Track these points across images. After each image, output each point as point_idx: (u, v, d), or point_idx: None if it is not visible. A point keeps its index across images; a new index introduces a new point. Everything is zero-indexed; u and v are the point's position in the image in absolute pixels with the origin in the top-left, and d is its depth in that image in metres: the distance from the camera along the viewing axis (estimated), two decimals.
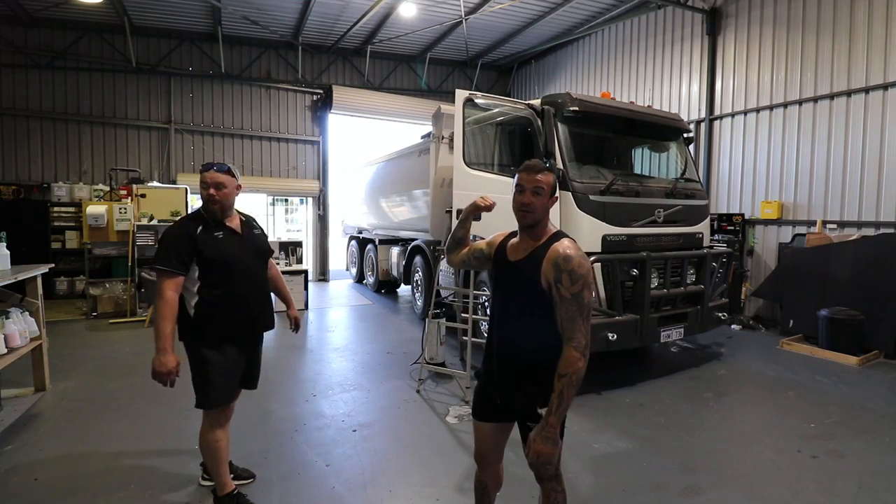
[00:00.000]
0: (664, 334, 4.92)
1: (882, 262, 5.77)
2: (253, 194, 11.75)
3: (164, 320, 2.43)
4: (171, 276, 2.47)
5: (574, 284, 1.76)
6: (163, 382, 2.44)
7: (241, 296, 2.62)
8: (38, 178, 9.86)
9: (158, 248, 2.59)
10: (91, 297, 7.71)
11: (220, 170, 2.59)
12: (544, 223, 1.93)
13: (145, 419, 3.84)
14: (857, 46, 6.43)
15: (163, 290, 2.46)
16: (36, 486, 2.99)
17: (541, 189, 1.87)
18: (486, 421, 2.10)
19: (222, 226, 2.62)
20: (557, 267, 1.79)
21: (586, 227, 4.62)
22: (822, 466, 3.31)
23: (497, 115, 5.26)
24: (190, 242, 2.51)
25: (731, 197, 8.03)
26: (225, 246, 2.58)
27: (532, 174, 1.88)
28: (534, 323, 1.89)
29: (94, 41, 10.13)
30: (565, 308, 1.77)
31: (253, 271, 2.72)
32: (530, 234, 1.94)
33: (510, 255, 1.99)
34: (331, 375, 5.14)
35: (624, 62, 10.00)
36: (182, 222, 2.66)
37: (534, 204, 1.86)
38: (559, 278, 1.78)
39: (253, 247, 2.75)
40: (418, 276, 7.98)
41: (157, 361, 2.43)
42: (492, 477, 2.20)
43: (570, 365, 1.74)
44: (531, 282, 1.86)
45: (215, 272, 2.56)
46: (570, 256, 1.78)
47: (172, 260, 2.48)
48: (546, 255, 1.84)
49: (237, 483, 2.99)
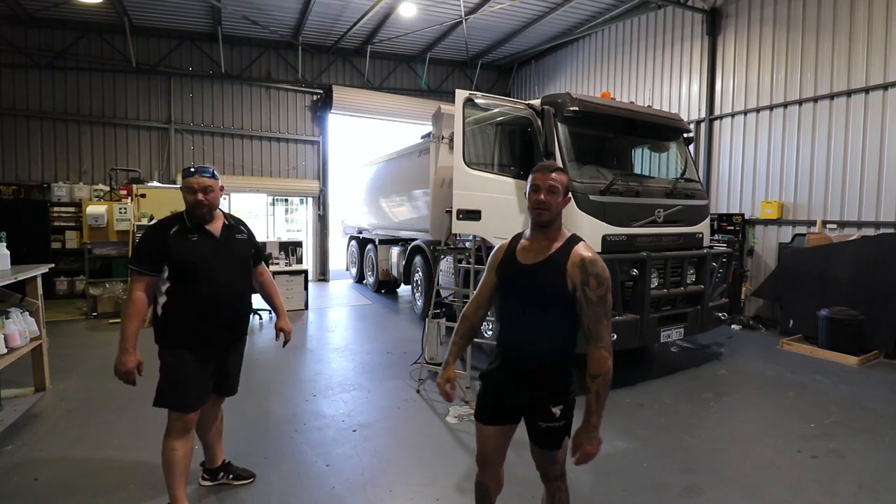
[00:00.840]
0: (664, 334, 4.92)
1: (882, 262, 5.77)
2: (253, 194, 11.77)
3: (127, 319, 2.46)
4: (140, 277, 2.48)
5: (601, 287, 1.82)
6: (124, 381, 2.46)
7: (207, 300, 2.54)
8: (38, 178, 9.86)
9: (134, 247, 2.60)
10: (91, 297, 7.71)
11: (205, 174, 2.54)
12: (558, 223, 1.95)
13: (145, 419, 3.83)
14: (857, 46, 6.43)
15: (132, 289, 2.49)
16: (36, 486, 2.99)
17: (556, 188, 1.89)
18: (491, 424, 2.08)
19: (200, 229, 2.57)
20: (584, 270, 1.83)
21: (586, 227, 4.61)
22: (822, 466, 3.31)
23: (497, 115, 5.26)
24: (162, 244, 2.49)
25: (731, 197, 8.03)
26: (196, 249, 2.53)
27: (547, 174, 1.91)
28: (547, 323, 1.92)
29: (94, 41, 10.13)
30: (592, 310, 1.82)
31: (223, 277, 2.59)
32: (545, 234, 1.94)
33: (521, 258, 1.97)
34: (331, 375, 5.14)
35: (624, 62, 10.00)
36: (158, 224, 2.64)
37: (549, 202, 1.89)
38: (586, 281, 1.82)
39: (229, 252, 2.65)
40: (418, 276, 7.98)
41: (118, 360, 2.45)
42: (493, 479, 2.20)
43: (602, 365, 1.82)
44: (551, 284, 1.88)
45: (182, 274, 2.51)
46: (595, 260, 1.84)
47: (144, 260, 2.49)
48: (569, 258, 1.86)
49: (237, 483, 3.00)
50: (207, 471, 2.99)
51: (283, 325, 2.97)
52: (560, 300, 1.88)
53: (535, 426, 1.96)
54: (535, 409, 1.95)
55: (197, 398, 2.57)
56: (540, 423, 1.93)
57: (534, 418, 1.97)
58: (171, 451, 2.54)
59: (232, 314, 2.68)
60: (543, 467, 2.05)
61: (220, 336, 2.65)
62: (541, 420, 1.93)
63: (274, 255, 8.78)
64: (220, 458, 3.00)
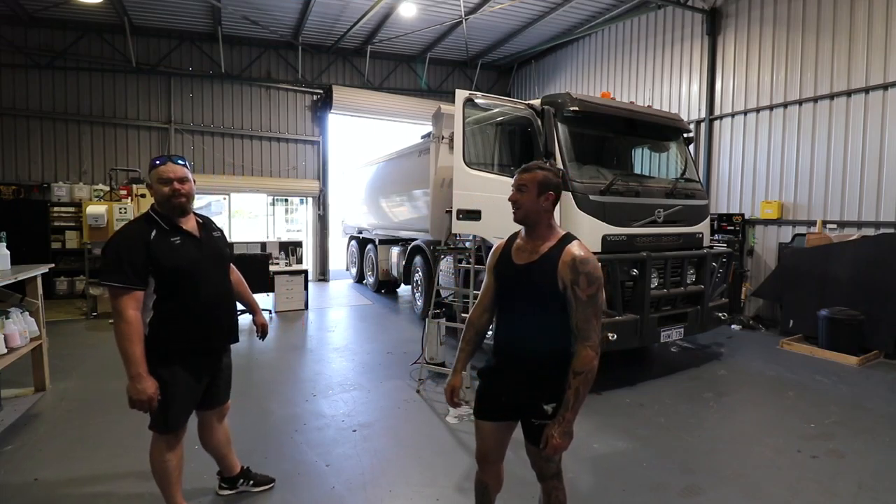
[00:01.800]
0: (664, 334, 4.92)
1: (882, 262, 5.77)
2: (253, 194, 11.77)
3: (131, 343, 2.15)
4: (128, 293, 2.16)
5: (591, 286, 1.83)
6: (143, 410, 2.22)
7: (204, 307, 2.37)
8: (38, 178, 9.86)
9: (107, 260, 2.20)
10: (91, 297, 7.71)
11: (178, 161, 2.34)
12: (544, 222, 1.96)
13: (146, 419, 3.81)
14: (857, 46, 6.43)
15: (122, 309, 2.15)
16: (36, 486, 2.99)
17: (524, 186, 1.93)
18: (489, 420, 2.11)
19: (178, 229, 2.34)
20: (575, 269, 1.84)
21: (586, 227, 4.61)
22: (822, 466, 3.31)
23: (497, 115, 5.26)
24: (144, 250, 2.20)
25: (731, 197, 8.03)
26: (184, 253, 2.31)
27: (521, 173, 1.97)
28: (543, 322, 1.94)
29: (94, 41, 10.12)
30: (581, 309, 1.84)
31: (215, 279, 2.45)
32: (536, 233, 1.97)
33: (516, 258, 2.00)
34: (331, 375, 5.14)
35: (624, 62, 10.00)
36: (132, 227, 2.32)
37: (519, 201, 1.93)
38: (576, 280, 1.83)
39: (213, 252, 2.47)
40: (418, 276, 7.98)
41: (132, 389, 2.17)
42: (493, 477, 2.21)
43: (587, 363, 1.83)
44: (544, 283, 1.90)
45: (174, 283, 2.28)
46: (587, 259, 1.84)
47: (128, 273, 2.16)
48: (561, 257, 1.88)
49: (257, 490, 2.92)
50: (226, 480, 2.89)
51: (261, 319, 2.91)
52: (553, 298, 1.89)
53: (530, 423, 1.99)
54: (529, 407, 1.97)
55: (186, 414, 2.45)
56: (533, 420, 1.96)
57: (528, 416, 1.99)
58: (165, 462, 2.42)
59: (227, 317, 2.56)
60: (539, 466, 2.06)
61: (218, 342, 2.55)
62: (535, 417, 1.95)
63: (274, 255, 8.78)
64: (236, 466, 2.89)
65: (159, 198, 2.31)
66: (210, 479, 2.98)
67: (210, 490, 2.94)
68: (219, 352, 2.60)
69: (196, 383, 2.45)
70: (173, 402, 2.34)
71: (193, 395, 2.47)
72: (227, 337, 2.60)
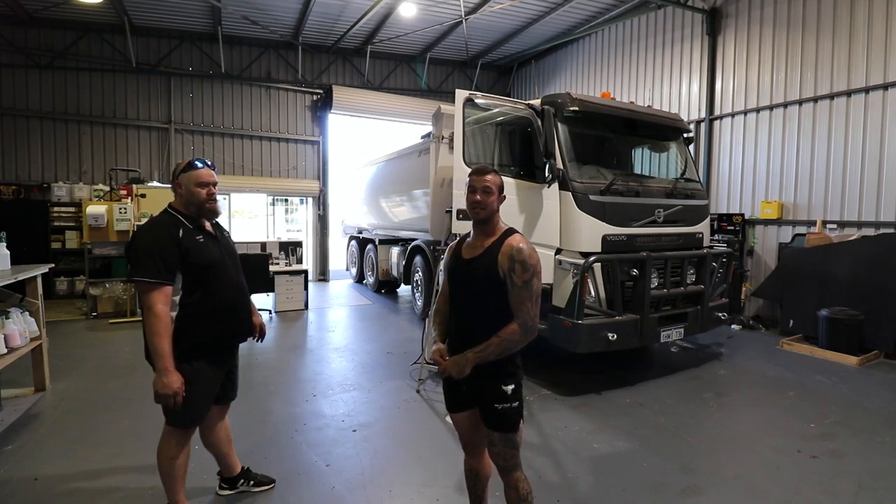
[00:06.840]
0: (664, 334, 4.92)
1: (882, 262, 5.77)
2: (253, 194, 11.77)
3: (160, 338, 2.20)
4: (158, 288, 2.22)
5: (525, 273, 2.01)
6: (168, 404, 2.25)
7: (228, 303, 2.47)
8: (38, 178, 9.86)
9: (137, 256, 2.26)
10: (91, 297, 7.71)
11: (213, 167, 2.50)
12: (495, 220, 2.14)
13: (146, 419, 3.84)
14: (857, 46, 6.43)
15: (152, 304, 2.20)
16: (36, 486, 2.99)
17: (490, 189, 2.09)
18: (458, 411, 2.25)
19: (201, 229, 2.46)
20: (511, 258, 2.02)
21: (586, 227, 4.62)
22: (822, 466, 3.31)
23: (497, 115, 5.26)
24: (175, 247, 2.29)
25: (731, 197, 8.03)
26: (207, 250, 2.41)
27: (482, 176, 2.11)
28: (489, 309, 2.09)
29: (94, 41, 10.12)
30: (517, 293, 2.02)
31: (234, 276, 2.55)
32: (483, 231, 2.15)
33: (465, 254, 2.19)
34: (331, 375, 5.14)
35: (624, 62, 10.00)
36: (160, 224, 2.38)
37: (484, 201, 2.09)
38: (513, 268, 2.01)
39: (230, 251, 2.60)
40: (418, 276, 7.98)
41: (158, 383, 2.21)
42: (479, 462, 2.31)
43: (509, 333, 2.01)
44: (487, 274, 2.06)
45: (201, 280, 2.37)
46: (522, 249, 2.02)
47: (160, 268, 2.22)
48: (501, 248, 2.06)
49: (258, 490, 2.93)
50: (226, 480, 2.90)
51: (257, 320, 2.88)
52: (495, 287, 2.06)
53: (491, 409, 2.09)
54: (488, 393, 2.08)
55: (206, 409, 2.54)
56: (496, 405, 2.07)
57: (489, 402, 2.09)
58: (172, 460, 2.45)
59: (246, 313, 2.68)
60: (503, 456, 2.13)
61: (240, 337, 2.67)
62: (496, 402, 2.07)
63: (274, 254, 8.78)
64: (236, 466, 2.91)
65: (194, 200, 2.42)
66: (210, 479, 2.98)
67: (210, 490, 2.94)
68: (237, 347, 2.72)
69: (216, 379, 2.54)
70: (195, 398, 2.38)
71: (213, 390, 2.55)
72: (248, 331, 2.71)
